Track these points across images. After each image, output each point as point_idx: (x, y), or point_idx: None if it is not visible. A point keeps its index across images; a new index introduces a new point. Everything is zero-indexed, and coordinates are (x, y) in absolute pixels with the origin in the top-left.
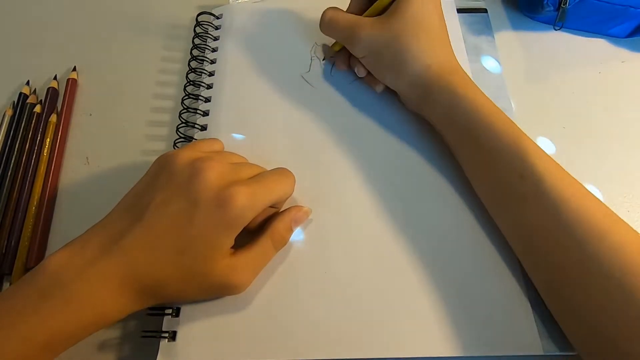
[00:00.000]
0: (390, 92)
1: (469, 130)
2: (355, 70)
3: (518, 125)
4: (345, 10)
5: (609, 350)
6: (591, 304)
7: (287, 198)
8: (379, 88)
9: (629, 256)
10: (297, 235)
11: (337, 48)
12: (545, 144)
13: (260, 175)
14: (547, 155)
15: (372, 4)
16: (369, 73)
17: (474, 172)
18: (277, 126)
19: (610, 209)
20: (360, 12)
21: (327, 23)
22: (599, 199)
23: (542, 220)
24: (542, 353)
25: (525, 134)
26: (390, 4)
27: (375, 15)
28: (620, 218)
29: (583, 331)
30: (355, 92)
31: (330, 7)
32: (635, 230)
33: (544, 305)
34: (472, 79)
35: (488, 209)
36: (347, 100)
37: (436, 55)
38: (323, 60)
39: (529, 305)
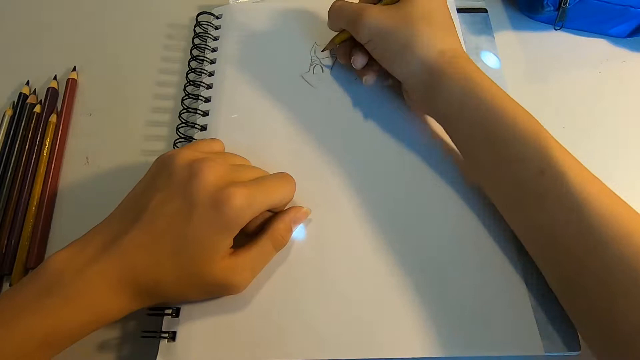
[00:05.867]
0: (392, 92)
1: (483, 120)
2: (352, 60)
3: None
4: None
5: (627, 353)
6: (613, 307)
7: (286, 203)
8: (369, 79)
9: None
10: (297, 236)
11: (338, 40)
12: None
13: (260, 178)
14: (568, 151)
15: None
16: (365, 65)
17: (486, 168)
18: (276, 126)
19: (634, 210)
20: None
21: (335, 10)
22: (622, 198)
23: (563, 220)
24: (542, 353)
25: (545, 128)
26: None
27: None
28: None
29: (602, 333)
30: (356, 92)
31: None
32: None
33: (545, 306)
34: None
35: (501, 209)
36: (348, 101)
37: (449, 42)
38: (322, 51)
39: (529, 305)
